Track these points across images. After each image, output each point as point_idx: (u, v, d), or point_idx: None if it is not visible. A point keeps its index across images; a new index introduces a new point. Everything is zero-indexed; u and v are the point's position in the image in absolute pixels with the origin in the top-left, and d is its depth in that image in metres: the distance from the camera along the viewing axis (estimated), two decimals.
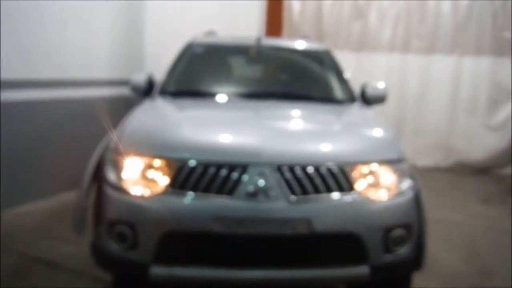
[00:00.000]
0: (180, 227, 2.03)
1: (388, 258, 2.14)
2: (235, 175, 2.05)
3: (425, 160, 7.03)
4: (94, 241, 2.32)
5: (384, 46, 7.58)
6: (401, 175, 2.27)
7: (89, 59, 5.23)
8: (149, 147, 2.21)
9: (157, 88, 3.30)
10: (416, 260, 2.26)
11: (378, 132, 2.54)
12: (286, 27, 8.32)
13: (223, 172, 2.06)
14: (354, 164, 2.16)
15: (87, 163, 2.50)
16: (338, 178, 2.11)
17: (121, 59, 5.64)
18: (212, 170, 2.07)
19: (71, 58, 4.98)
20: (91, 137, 5.28)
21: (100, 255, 2.28)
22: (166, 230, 2.03)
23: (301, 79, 3.57)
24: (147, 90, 3.33)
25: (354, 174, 2.15)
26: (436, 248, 3.16)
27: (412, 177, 2.35)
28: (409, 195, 2.24)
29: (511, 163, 6.93)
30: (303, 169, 2.08)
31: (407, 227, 2.19)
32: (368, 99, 3.34)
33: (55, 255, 3.49)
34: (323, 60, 3.69)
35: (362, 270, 2.11)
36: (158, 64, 5.77)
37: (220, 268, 2.06)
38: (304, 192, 2.07)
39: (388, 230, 2.12)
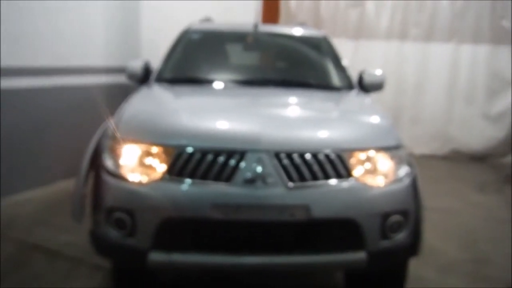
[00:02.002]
0: (178, 214, 2.04)
1: (385, 244, 2.16)
2: (232, 161, 2.05)
3: (422, 148, 7.05)
4: (92, 229, 2.32)
5: (382, 34, 7.55)
6: (398, 162, 2.28)
7: (85, 46, 5.20)
8: (147, 134, 2.20)
9: (153, 75, 3.28)
10: (413, 247, 2.28)
11: (375, 119, 2.54)
12: (282, 14, 8.27)
13: (221, 159, 2.06)
14: (352, 150, 2.16)
15: (85, 150, 2.49)
16: (336, 164, 2.11)
17: (117, 46, 5.61)
18: (209, 157, 2.07)
19: (67, 46, 4.95)
20: (88, 125, 5.26)
21: (98, 242, 2.28)
22: (164, 217, 2.04)
23: (298, 66, 3.55)
24: (144, 78, 3.31)
25: (352, 160, 2.15)
26: (433, 236, 3.18)
27: (409, 164, 2.35)
28: (407, 181, 2.26)
29: (511, 152, 6.95)
30: (301, 155, 2.08)
31: (404, 213, 2.20)
32: (365, 87, 3.33)
33: (54, 243, 3.50)
34: (321, 47, 3.67)
35: (359, 256, 2.12)
36: (155, 51, 5.73)
37: (218, 254, 2.07)
38: (302, 178, 2.06)
39: (386, 216, 2.13)
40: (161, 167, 2.13)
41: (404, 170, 2.28)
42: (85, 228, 3.72)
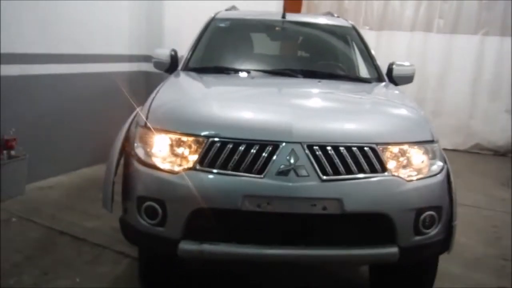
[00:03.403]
0: (209, 205, 2.02)
1: (417, 239, 2.12)
2: (265, 153, 2.03)
3: (444, 142, 6.85)
4: (122, 216, 2.33)
5: (406, 25, 7.42)
6: (432, 156, 2.23)
7: (109, 34, 5.21)
8: (178, 124, 2.19)
9: (181, 64, 3.26)
10: (445, 243, 2.24)
11: (410, 113, 2.49)
12: (304, 4, 8.17)
13: (254, 150, 2.04)
14: (386, 144, 2.12)
15: (115, 138, 2.49)
16: (370, 158, 2.07)
17: (140, 34, 5.61)
18: (242, 148, 2.05)
19: (92, 34, 4.97)
20: (112, 112, 5.33)
21: (128, 230, 2.29)
22: (195, 208, 2.03)
23: (327, 56, 3.50)
24: (171, 66, 3.30)
25: (386, 154, 2.11)
26: (457, 231, 3.15)
27: (443, 158, 2.31)
28: (441, 177, 2.21)
29: None
30: (335, 148, 2.05)
31: (437, 209, 2.16)
32: (395, 79, 3.27)
33: (79, 230, 3.54)
34: (350, 37, 3.61)
35: (391, 251, 2.06)
36: (177, 39, 5.73)
37: (248, 245, 2.06)
38: (336, 172, 2.01)
39: (419, 211, 2.09)
40: (192, 157, 2.11)
41: (438, 165, 2.24)
42: (110, 215, 3.77)
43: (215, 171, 2.06)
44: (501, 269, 3.30)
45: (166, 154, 2.16)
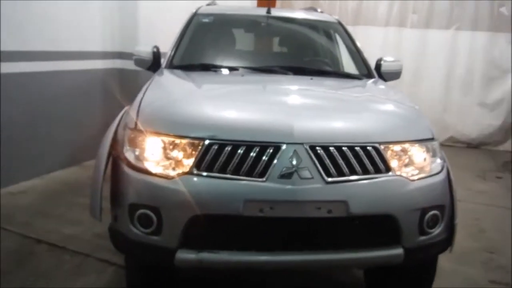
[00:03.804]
0: (209, 211, 1.91)
1: (422, 240, 2.08)
2: (266, 155, 1.93)
3: None
4: (112, 225, 2.18)
5: (380, 21, 7.46)
6: (433, 154, 2.19)
7: (81, 30, 4.97)
8: (172, 126, 2.05)
9: (165, 61, 3.11)
10: (447, 241, 2.21)
11: (409, 111, 2.44)
12: (278, 3, 8.09)
13: (254, 152, 1.94)
14: (388, 143, 2.06)
15: (101, 141, 2.33)
16: (374, 158, 2.01)
17: (114, 30, 5.39)
18: (241, 150, 1.94)
19: (63, 30, 4.71)
20: (86, 111, 5.11)
21: (119, 240, 2.14)
22: (193, 214, 1.91)
23: (315, 52, 3.42)
24: (153, 63, 3.15)
25: (388, 154, 2.06)
26: None
27: (442, 156, 2.28)
28: (443, 175, 2.18)
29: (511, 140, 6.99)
30: (338, 149, 1.97)
31: (441, 208, 2.12)
32: (383, 75, 3.23)
33: (58, 237, 3.35)
34: (336, 33, 3.55)
35: (396, 252, 2.01)
36: (153, 35, 5.54)
37: (250, 252, 1.96)
38: (340, 173, 1.94)
39: (424, 211, 2.05)
40: (188, 161, 1.99)
41: (439, 163, 2.21)
42: (89, 221, 3.60)
43: (213, 175, 1.94)
44: (489, 262, 3.33)
45: (159, 157, 2.03)
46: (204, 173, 1.95)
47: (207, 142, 1.97)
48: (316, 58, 3.37)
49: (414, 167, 2.11)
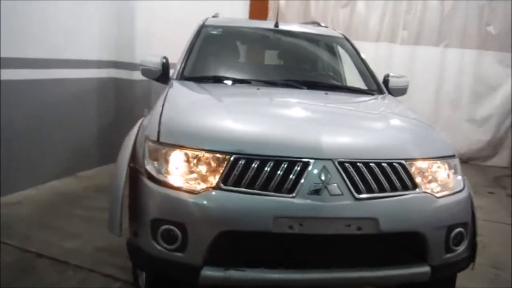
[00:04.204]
0: (237, 228, 1.87)
1: (447, 257, 2.08)
2: (295, 171, 1.91)
3: None
4: (131, 240, 2.10)
5: (371, 36, 7.57)
6: (455, 171, 2.21)
7: (77, 39, 4.88)
8: (197, 140, 2.01)
9: (176, 72, 3.06)
10: (470, 258, 2.22)
11: (431, 128, 2.46)
12: (271, 14, 8.13)
13: (282, 168, 1.91)
14: (412, 160, 2.07)
15: (120, 154, 2.26)
16: (400, 174, 2.01)
17: (110, 39, 5.31)
18: (269, 166, 1.91)
19: (60, 38, 4.62)
20: (81, 121, 5.00)
21: (139, 256, 2.07)
22: (220, 231, 1.86)
23: (325, 67, 3.43)
24: (162, 74, 3.10)
25: (414, 171, 2.06)
26: None
27: (462, 173, 2.29)
28: (466, 192, 2.19)
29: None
30: (365, 165, 1.97)
31: (465, 225, 2.14)
32: (391, 90, 3.26)
33: (59, 251, 3.23)
34: (344, 48, 3.57)
35: (423, 270, 2.02)
36: (150, 45, 5.49)
37: (279, 270, 1.92)
38: (369, 189, 1.95)
39: (450, 228, 2.06)
40: (213, 176, 1.95)
41: (461, 180, 2.22)
42: (91, 233, 3.53)
43: (241, 190, 1.90)
44: (496, 278, 3.35)
45: (183, 172, 1.99)
46: (232, 188, 1.91)
47: (233, 156, 1.93)
48: (326, 73, 3.38)
49: (438, 184, 2.13)
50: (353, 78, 3.47)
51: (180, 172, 1.99)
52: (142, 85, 5.57)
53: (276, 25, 3.49)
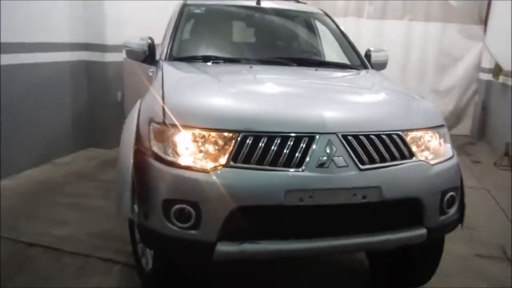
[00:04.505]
0: (250, 203, 1.93)
1: (441, 219, 2.23)
2: (302, 146, 1.98)
3: None
4: (142, 222, 2.11)
5: (340, 11, 7.68)
6: (445, 140, 2.35)
7: (46, 21, 4.68)
8: (204, 119, 2.03)
9: (163, 53, 3.02)
10: (459, 220, 2.39)
11: (421, 100, 2.58)
12: None
13: (290, 143, 1.98)
14: (408, 131, 2.18)
15: (123, 137, 2.24)
16: (399, 145, 2.12)
17: (79, 20, 5.13)
18: (277, 142, 1.98)
19: (26, 20, 4.42)
20: (54, 107, 4.85)
21: (152, 237, 2.10)
22: (234, 207, 1.92)
23: (310, 43, 3.48)
24: (149, 56, 3.06)
25: (409, 140, 2.18)
26: None
27: (450, 141, 2.44)
28: (456, 159, 2.34)
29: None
30: (367, 137, 2.07)
31: (456, 189, 2.29)
32: (373, 65, 3.37)
33: (51, 239, 3.20)
34: (326, 24, 3.63)
35: (420, 232, 2.15)
36: (120, 26, 5.35)
37: (289, 240, 2.01)
38: (371, 160, 2.03)
39: (444, 193, 2.20)
40: (222, 154, 1.99)
41: (450, 148, 2.36)
42: (79, 220, 3.50)
43: (251, 167, 1.95)
44: (471, 238, 3.57)
45: (192, 152, 2.01)
46: (242, 165, 1.96)
47: (242, 134, 1.98)
48: (311, 50, 3.43)
49: (430, 152, 2.25)
50: (335, 54, 3.54)
51: (189, 152, 2.01)
52: (114, 67, 5.45)
53: (258, 2, 3.50)
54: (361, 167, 2.01)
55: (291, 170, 1.96)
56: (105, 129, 5.47)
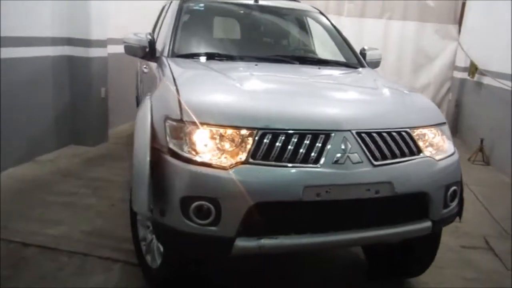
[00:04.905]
0: (269, 199, 1.95)
1: (444, 212, 2.33)
2: (319, 143, 2.03)
3: None
4: (158, 220, 2.11)
5: (320, 9, 7.74)
6: (448, 136, 2.45)
7: (29, 15, 4.53)
8: (223, 116, 2.04)
9: (165, 50, 2.99)
10: (458, 213, 2.50)
11: (423, 98, 2.67)
12: None
13: (307, 140, 2.02)
14: (416, 128, 2.27)
15: (137, 134, 2.20)
16: (408, 142, 2.21)
17: (62, 14, 4.98)
18: (295, 139, 2.02)
19: (10, 14, 4.26)
20: (36, 103, 4.70)
21: (169, 235, 2.09)
22: (253, 203, 1.94)
23: (309, 42, 3.52)
24: (149, 52, 3.03)
25: (416, 137, 2.27)
26: None
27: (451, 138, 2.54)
28: (457, 154, 2.44)
29: None
30: (379, 134, 2.14)
31: (458, 183, 2.39)
32: (368, 64, 3.45)
33: (45, 239, 3.12)
34: (322, 23, 3.68)
35: (426, 225, 2.24)
36: (105, 21, 5.25)
37: (306, 234, 2.05)
38: (383, 156, 2.11)
39: (448, 187, 2.30)
40: (241, 151, 2.01)
41: (452, 144, 2.46)
42: (72, 218, 3.43)
43: (270, 163, 1.99)
44: (456, 230, 3.69)
45: (211, 148, 2.02)
46: (261, 162, 1.99)
47: (260, 132, 2.01)
48: (311, 48, 3.48)
49: (435, 149, 2.34)
50: (332, 52, 3.57)
51: (208, 149, 2.01)
52: (98, 62, 5.33)
53: (256, 0, 3.52)
54: (375, 163, 2.08)
55: (309, 166, 2.00)
56: (88, 126, 5.36)
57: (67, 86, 5.21)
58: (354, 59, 3.40)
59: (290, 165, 2.00)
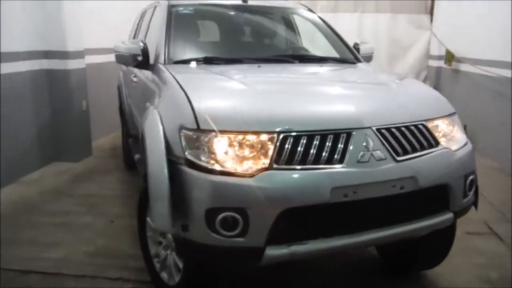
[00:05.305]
0: (298, 204, 1.89)
1: (464, 202, 2.33)
2: (342, 142, 1.98)
3: None
4: (181, 235, 2.00)
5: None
6: (460, 126, 2.45)
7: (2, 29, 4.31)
8: (242, 122, 1.96)
9: (160, 57, 2.88)
10: (475, 201, 2.50)
11: (433, 90, 2.67)
12: None
13: (329, 141, 1.97)
14: (430, 120, 2.26)
15: (150, 147, 2.09)
16: (426, 135, 2.19)
17: (38, 27, 4.77)
18: (317, 140, 1.96)
19: None
20: (16, 121, 4.47)
21: (193, 249, 1.99)
22: (283, 209, 1.87)
23: (303, 40, 3.47)
24: (143, 60, 2.91)
25: (433, 129, 2.25)
26: None
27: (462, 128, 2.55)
28: (470, 144, 2.44)
29: None
30: (398, 129, 2.11)
31: (474, 172, 2.39)
32: (362, 58, 3.43)
33: (46, 264, 2.96)
34: (314, 21, 3.64)
35: (448, 216, 2.23)
36: (81, 31, 5.07)
37: (336, 237, 2.00)
38: (404, 151, 2.07)
39: (466, 177, 2.29)
40: (263, 157, 1.94)
41: (464, 134, 2.47)
42: (71, 240, 3.27)
43: (296, 167, 1.92)
44: None
45: (231, 156, 1.94)
46: (285, 167, 1.92)
47: (282, 135, 1.94)
48: (307, 46, 3.43)
49: (450, 139, 2.34)
50: (326, 48, 3.53)
51: (229, 157, 1.93)
52: (77, 74, 5.14)
53: (245, 0, 3.45)
54: (398, 158, 2.05)
55: (334, 167, 1.95)
56: (72, 141, 5.16)
57: (47, 101, 5.00)
58: (350, 55, 3.37)
59: (314, 167, 1.94)
